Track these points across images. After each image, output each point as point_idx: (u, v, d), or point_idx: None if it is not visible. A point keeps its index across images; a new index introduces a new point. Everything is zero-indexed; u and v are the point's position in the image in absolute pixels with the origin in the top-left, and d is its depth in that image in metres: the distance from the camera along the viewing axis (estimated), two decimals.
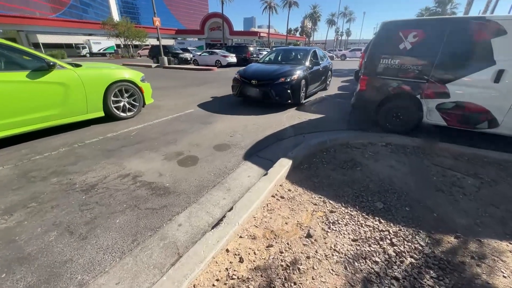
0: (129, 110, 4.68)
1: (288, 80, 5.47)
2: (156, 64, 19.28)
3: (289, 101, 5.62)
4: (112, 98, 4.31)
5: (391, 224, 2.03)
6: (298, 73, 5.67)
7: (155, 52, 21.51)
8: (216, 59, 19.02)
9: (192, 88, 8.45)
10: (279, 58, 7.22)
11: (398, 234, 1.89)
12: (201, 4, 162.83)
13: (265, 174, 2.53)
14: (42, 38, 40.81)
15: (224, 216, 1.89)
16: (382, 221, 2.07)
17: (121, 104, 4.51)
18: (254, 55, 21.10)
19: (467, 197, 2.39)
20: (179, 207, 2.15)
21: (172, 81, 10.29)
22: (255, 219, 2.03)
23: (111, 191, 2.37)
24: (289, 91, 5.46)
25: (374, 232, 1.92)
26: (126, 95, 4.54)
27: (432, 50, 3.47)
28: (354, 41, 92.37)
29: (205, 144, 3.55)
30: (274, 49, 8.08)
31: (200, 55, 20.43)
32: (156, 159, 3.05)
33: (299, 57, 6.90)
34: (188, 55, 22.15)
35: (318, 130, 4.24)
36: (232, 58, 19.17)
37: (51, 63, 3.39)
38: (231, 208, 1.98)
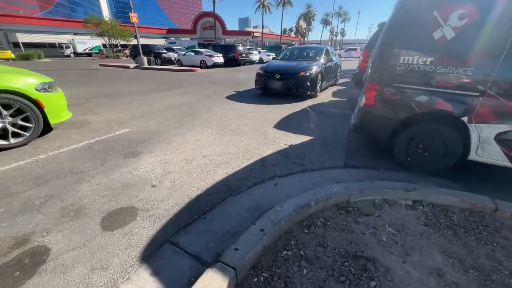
0: (16, 135, 3.09)
1: (308, 74, 5.99)
2: (135, 65, 17.60)
3: (308, 92, 6.12)
4: None
5: None
6: (315, 68, 6.16)
7: (136, 52, 19.81)
8: (201, 59, 17.44)
9: (155, 94, 6.85)
10: (295, 55, 7.62)
11: None
12: (195, 3, 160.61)
13: None
14: (23, 37, 38.71)
15: None
16: None
17: None
18: (243, 55, 19.60)
19: None
20: None
21: (138, 85, 8.67)
22: None
23: None
24: (308, 83, 5.99)
25: None
26: (6, 112, 2.95)
27: (494, 40, 1.98)
28: (349, 41, 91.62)
29: (94, 207, 1.99)
30: (289, 47, 8.64)
31: (184, 54, 18.81)
32: None
33: (314, 54, 7.31)
34: (172, 55, 20.50)
35: (301, 168, 2.71)
36: (219, 58, 17.60)
37: None
38: None
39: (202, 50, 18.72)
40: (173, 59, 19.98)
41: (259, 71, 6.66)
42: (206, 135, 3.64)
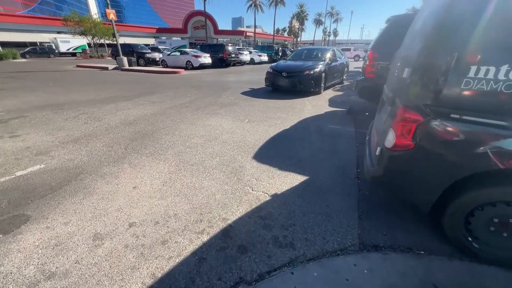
0: None
1: (311, 72, 6.60)
2: (115, 66, 16.20)
3: (312, 89, 6.72)
4: None
5: None
6: (319, 67, 6.74)
7: (117, 52, 18.36)
8: (187, 60, 16.19)
9: (114, 104, 5.61)
10: (303, 56, 8.10)
11: None
12: (187, 2, 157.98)
13: None
14: (1, 36, 36.51)
15: None
16: None
17: None
18: (233, 55, 18.40)
19: None
20: None
21: (102, 91, 7.39)
22: None
23: None
24: (312, 81, 6.59)
25: None
26: None
27: None
28: (341, 41, 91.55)
29: None
30: (298, 48, 9.60)
31: (169, 55, 17.50)
32: None
33: (319, 55, 7.74)
34: (157, 55, 19.14)
35: (287, 256, 1.58)
36: (206, 59, 16.38)
37: None
38: None
39: (188, 50, 17.46)
40: (157, 59, 18.63)
41: (269, 70, 7.30)
42: (152, 177, 2.47)
